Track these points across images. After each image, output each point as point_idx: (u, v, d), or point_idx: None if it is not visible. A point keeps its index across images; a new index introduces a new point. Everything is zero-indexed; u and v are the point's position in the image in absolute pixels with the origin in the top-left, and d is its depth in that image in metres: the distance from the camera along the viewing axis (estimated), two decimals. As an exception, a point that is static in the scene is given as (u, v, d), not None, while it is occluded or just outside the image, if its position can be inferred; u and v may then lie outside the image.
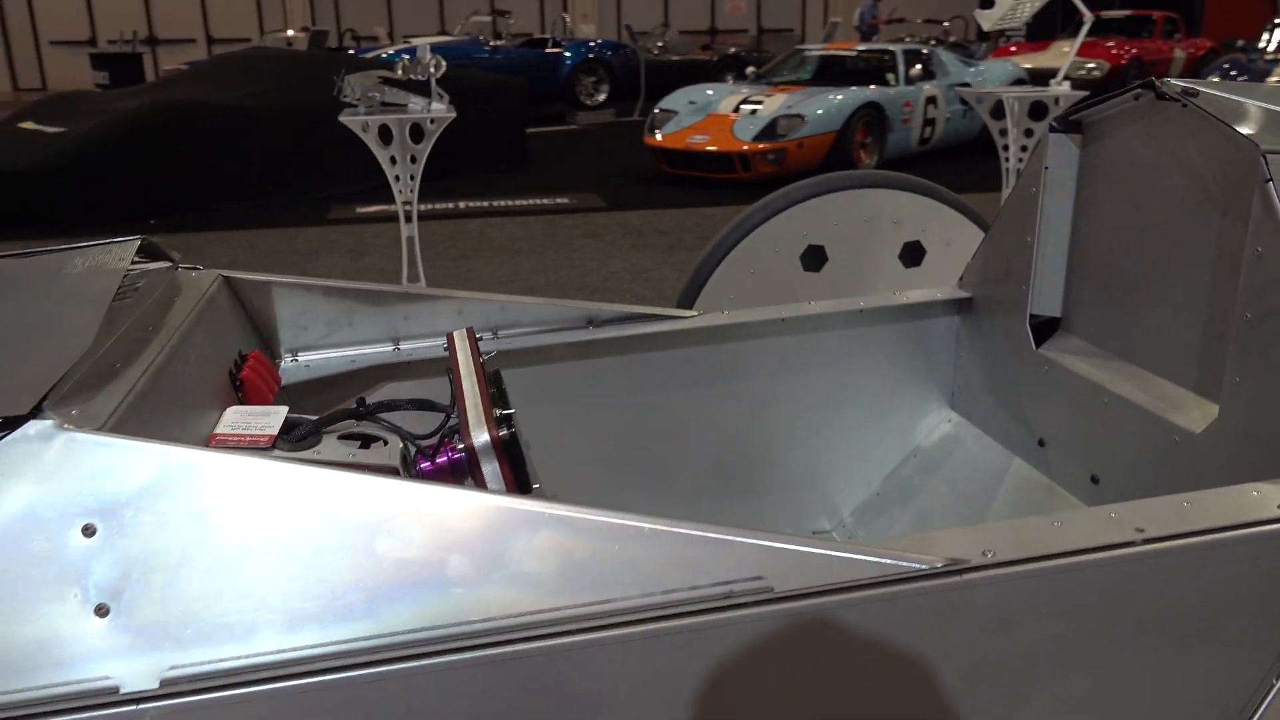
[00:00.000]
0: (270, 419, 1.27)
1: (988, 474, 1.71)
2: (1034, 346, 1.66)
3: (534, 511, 0.89)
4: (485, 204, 8.27)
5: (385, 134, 3.76)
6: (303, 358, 1.69)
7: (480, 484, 1.20)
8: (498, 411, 1.24)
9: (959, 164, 9.47)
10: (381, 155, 3.78)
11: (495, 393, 1.29)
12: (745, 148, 8.36)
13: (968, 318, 1.86)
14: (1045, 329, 1.69)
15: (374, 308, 1.68)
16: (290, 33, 16.62)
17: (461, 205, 8.24)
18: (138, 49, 17.78)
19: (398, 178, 3.84)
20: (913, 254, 2.36)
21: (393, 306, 1.68)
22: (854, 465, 1.89)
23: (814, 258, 2.32)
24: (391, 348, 1.70)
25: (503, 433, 1.20)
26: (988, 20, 4.30)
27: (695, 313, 1.77)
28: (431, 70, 3.70)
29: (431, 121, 3.72)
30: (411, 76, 3.76)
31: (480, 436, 1.19)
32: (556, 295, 5.58)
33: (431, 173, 9.08)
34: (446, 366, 1.38)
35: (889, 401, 1.88)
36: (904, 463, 1.89)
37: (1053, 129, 1.64)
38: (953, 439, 1.84)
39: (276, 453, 1.21)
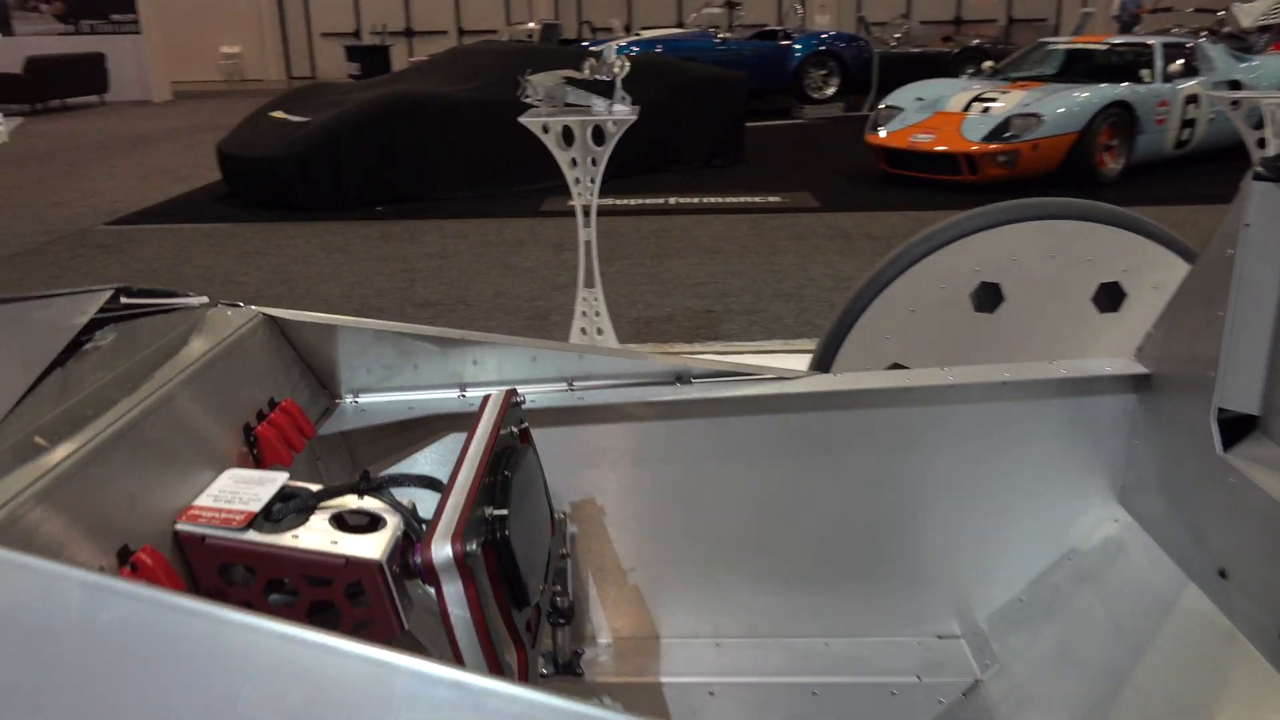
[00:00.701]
0: (263, 489, 1.17)
1: (1155, 598, 1.38)
2: (1220, 449, 1.32)
3: (429, 677, 0.71)
4: (695, 200, 8.16)
5: (568, 136, 3.69)
6: (362, 400, 1.60)
7: (440, 605, 1.04)
8: (489, 511, 1.07)
9: (1223, 170, 8.51)
10: (562, 158, 3.71)
11: (496, 481, 1.13)
12: (973, 148, 7.83)
13: (1146, 398, 1.52)
14: (1237, 428, 1.34)
15: (440, 351, 1.56)
16: (531, 25, 17.14)
17: (671, 201, 8.17)
18: (386, 41, 18.84)
19: (578, 180, 3.76)
20: (1110, 297, 2.02)
21: (461, 351, 1.56)
22: (994, 562, 1.59)
23: (988, 296, 2.02)
24: (457, 394, 1.58)
25: (471, 546, 1.02)
26: (1248, 16, 3.72)
27: (801, 372, 1.54)
28: (616, 70, 3.59)
29: (614, 124, 3.61)
30: (597, 76, 3.67)
31: (441, 550, 1.01)
32: (751, 300, 5.40)
33: (646, 167, 9.16)
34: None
35: (1042, 490, 1.56)
36: (1056, 565, 1.58)
37: (1258, 176, 1.29)
38: (1117, 545, 1.51)
39: (250, 535, 1.11)
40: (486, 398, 1.30)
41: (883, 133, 8.48)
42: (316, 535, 1.12)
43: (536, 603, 1.17)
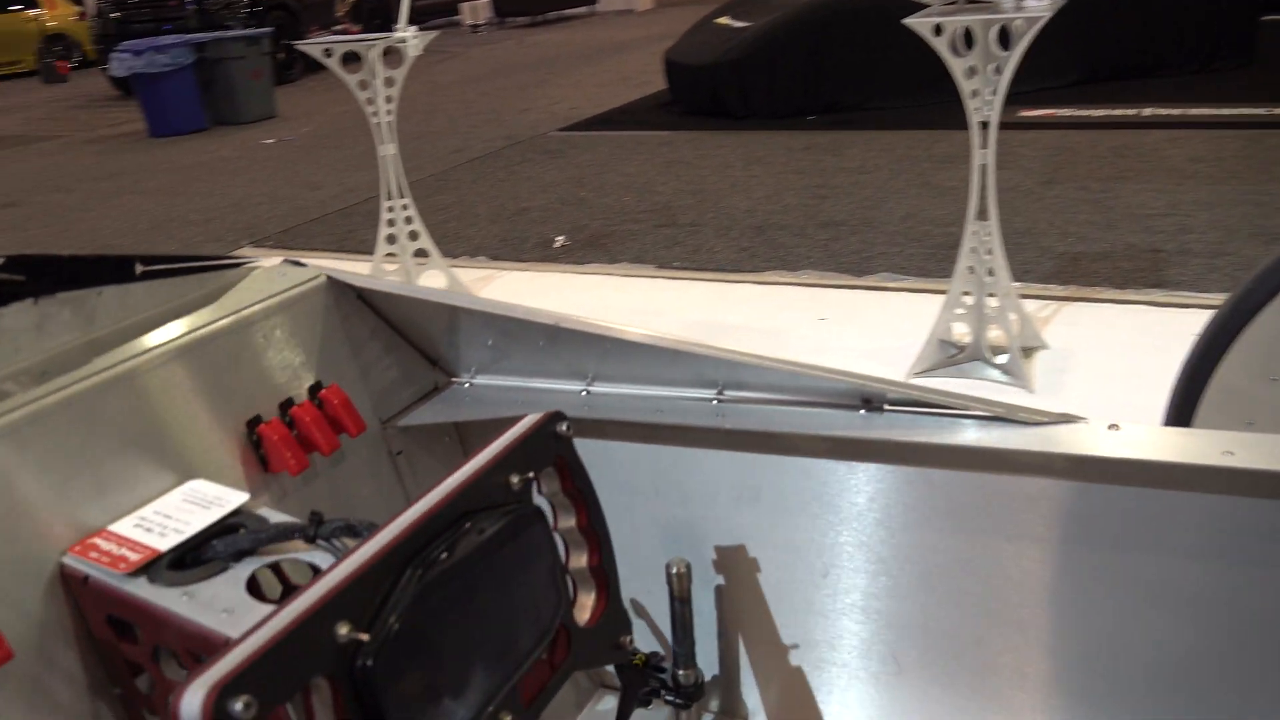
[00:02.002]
0: (205, 515, 0.93)
1: None
2: None
3: None
4: (1175, 112, 6.85)
5: (968, 38, 3.11)
6: (479, 381, 1.32)
7: None
8: (344, 632, 0.72)
9: None
10: (957, 65, 3.14)
11: (402, 574, 0.80)
12: None
13: None
14: None
15: (564, 338, 1.21)
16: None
17: (1145, 113, 6.93)
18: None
19: (976, 92, 3.17)
20: None
21: (589, 341, 1.22)
22: None
23: None
24: (581, 389, 1.24)
25: (238, 706, 0.66)
26: None
27: (1059, 415, 1.01)
28: (1033, -44, 2.93)
29: (1024, 22, 2.97)
30: (1011, -35, 3.03)
31: (190, 702, 0.65)
32: (1218, 239, 4.39)
33: (1121, 71, 7.84)
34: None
35: None
36: None
37: None
38: None
39: (135, 584, 0.88)
40: (516, 420, 0.96)
41: None
42: (222, 594, 0.87)
43: None
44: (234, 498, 1.00)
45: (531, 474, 0.92)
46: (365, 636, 0.74)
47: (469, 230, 5.75)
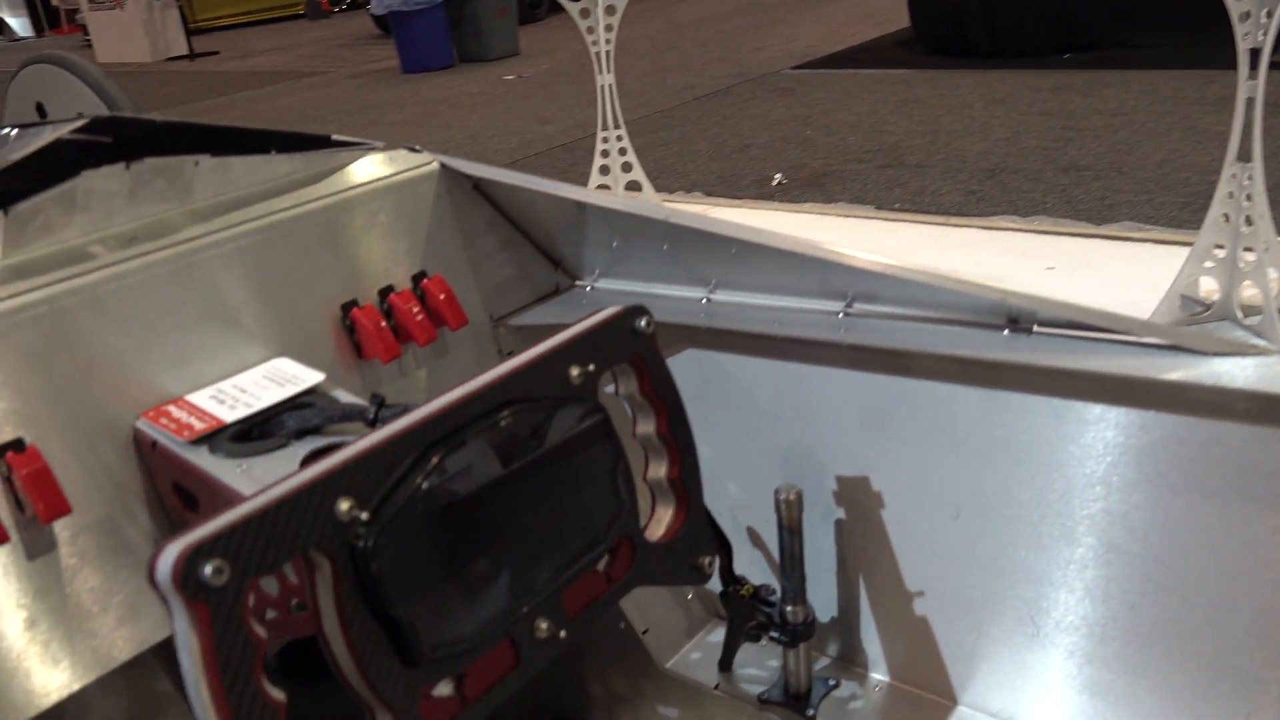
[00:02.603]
0: (279, 391, 0.90)
1: None
2: None
3: None
4: None
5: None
6: (601, 285, 1.22)
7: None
8: (344, 507, 0.67)
9: None
10: (1224, -19, 2.76)
11: (429, 458, 0.72)
12: None
13: None
14: None
15: (686, 239, 1.10)
16: None
17: None
18: None
19: (1247, 14, 2.78)
20: None
21: (712, 244, 1.09)
22: None
23: None
24: (703, 296, 1.12)
25: (207, 570, 0.61)
26: None
27: (1235, 345, 0.81)
28: None
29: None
30: None
31: (164, 561, 0.61)
32: None
33: None
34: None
35: None
36: None
37: None
38: None
39: (194, 453, 0.86)
40: (594, 313, 0.87)
41: None
42: (275, 470, 0.83)
43: (505, 636, 0.77)
44: (310, 377, 0.98)
45: (593, 366, 0.84)
46: (366, 515, 0.70)
47: (688, 166, 5.69)
